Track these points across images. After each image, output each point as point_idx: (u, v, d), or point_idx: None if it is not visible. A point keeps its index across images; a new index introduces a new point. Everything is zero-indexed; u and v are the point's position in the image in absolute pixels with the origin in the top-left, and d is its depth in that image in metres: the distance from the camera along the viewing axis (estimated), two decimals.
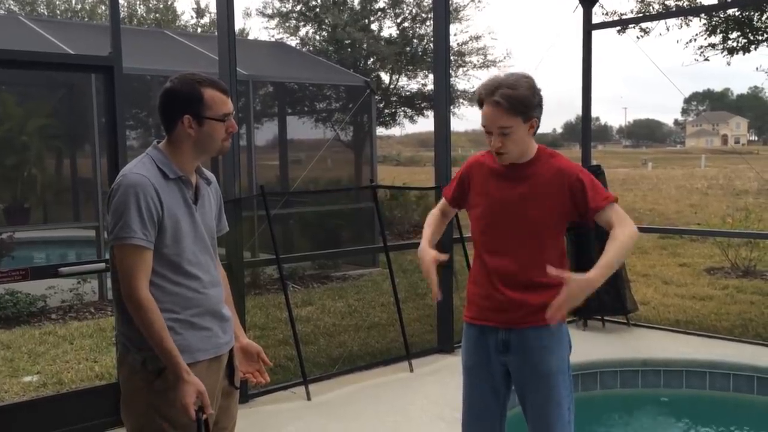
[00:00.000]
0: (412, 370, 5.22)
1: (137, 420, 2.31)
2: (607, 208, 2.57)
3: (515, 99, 2.50)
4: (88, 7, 22.59)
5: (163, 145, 2.37)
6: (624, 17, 11.71)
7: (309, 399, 4.68)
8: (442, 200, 2.95)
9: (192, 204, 2.36)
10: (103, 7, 21.64)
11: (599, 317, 6.20)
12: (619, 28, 11.31)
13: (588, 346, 5.51)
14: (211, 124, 2.32)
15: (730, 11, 11.60)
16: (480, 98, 2.58)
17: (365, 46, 16.98)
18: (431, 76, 13.01)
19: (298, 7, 17.58)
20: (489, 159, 2.74)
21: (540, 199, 2.61)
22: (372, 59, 17.48)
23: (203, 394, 2.23)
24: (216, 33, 4.75)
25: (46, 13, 22.17)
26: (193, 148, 2.34)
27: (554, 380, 2.65)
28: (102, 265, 4.55)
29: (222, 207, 2.56)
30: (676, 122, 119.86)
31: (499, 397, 2.76)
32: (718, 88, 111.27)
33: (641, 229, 11.36)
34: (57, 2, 22.87)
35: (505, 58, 22.93)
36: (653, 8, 11.81)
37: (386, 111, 17.89)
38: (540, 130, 2.67)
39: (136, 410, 2.31)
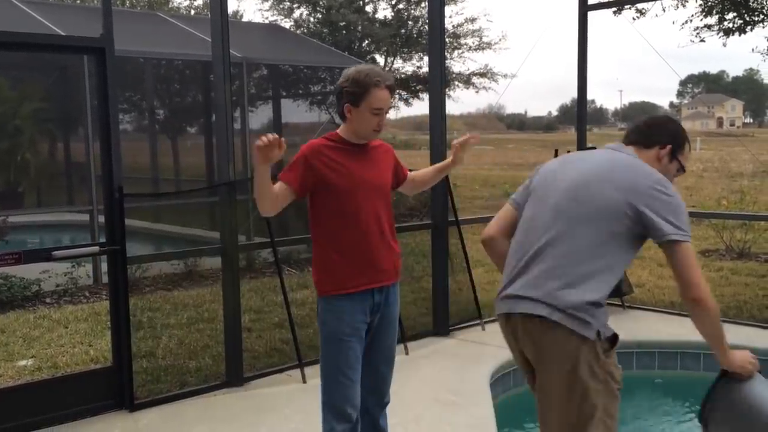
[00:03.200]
0: (407, 353, 5.23)
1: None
2: None
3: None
4: None
5: None
6: None
7: (305, 382, 4.69)
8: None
9: None
10: None
11: None
12: (614, 9, 11.27)
13: None
14: None
15: None
16: (376, 83, 2.86)
17: (360, 28, 16.91)
18: (426, 59, 12.94)
19: None
20: (329, 141, 3.08)
21: (383, 167, 3.09)
22: (367, 41, 17.41)
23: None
24: (209, 15, 4.70)
25: None
26: None
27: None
28: (95, 248, 4.52)
29: None
30: (671, 105, 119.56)
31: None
32: (713, 70, 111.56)
33: None
34: None
35: (500, 40, 22.73)
36: None
37: None
38: (535, 113, 2.75)
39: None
